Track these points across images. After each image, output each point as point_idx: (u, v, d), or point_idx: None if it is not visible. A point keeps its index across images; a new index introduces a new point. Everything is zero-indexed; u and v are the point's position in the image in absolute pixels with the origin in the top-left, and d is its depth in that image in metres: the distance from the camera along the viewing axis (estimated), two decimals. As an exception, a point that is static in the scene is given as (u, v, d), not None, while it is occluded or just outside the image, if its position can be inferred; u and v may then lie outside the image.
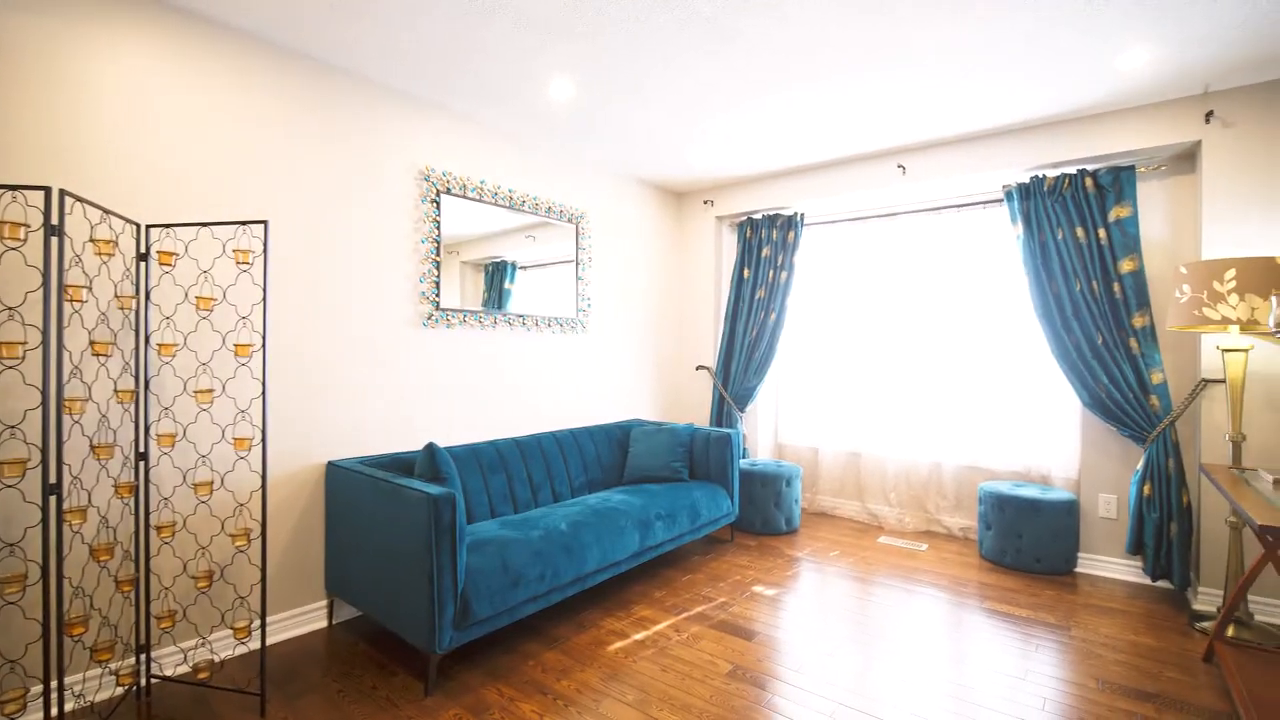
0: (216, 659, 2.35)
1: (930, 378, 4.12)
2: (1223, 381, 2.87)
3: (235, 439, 2.13)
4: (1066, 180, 3.31)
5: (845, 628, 2.71)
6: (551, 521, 2.79)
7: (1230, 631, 2.66)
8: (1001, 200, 3.74)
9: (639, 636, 2.63)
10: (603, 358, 4.24)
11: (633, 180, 4.47)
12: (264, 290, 2.05)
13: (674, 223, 4.88)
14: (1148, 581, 3.19)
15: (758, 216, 4.55)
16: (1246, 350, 2.66)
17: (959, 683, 2.27)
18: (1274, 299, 2.29)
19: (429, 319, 3.10)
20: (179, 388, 2.26)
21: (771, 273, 4.42)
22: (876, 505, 4.31)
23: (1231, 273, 2.56)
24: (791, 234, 4.36)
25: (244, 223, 2.07)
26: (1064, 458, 3.63)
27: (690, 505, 3.48)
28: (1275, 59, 2.62)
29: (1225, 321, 2.55)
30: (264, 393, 2.04)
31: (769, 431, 4.83)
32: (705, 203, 4.71)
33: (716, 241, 4.75)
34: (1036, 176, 3.40)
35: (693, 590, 3.13)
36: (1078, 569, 3.39)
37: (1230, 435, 2.67)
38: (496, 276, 3.54)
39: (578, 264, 4.02)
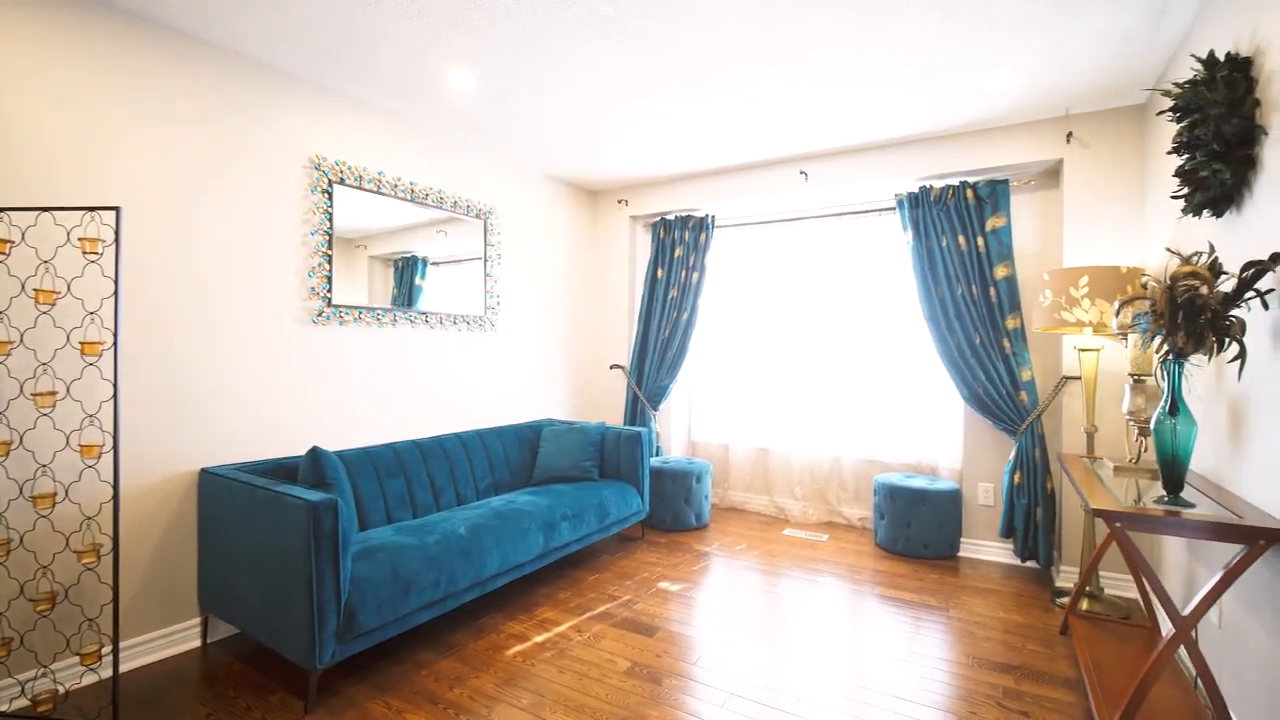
0: (61, 689, 2.12)
1: (833, 376, 4.30)
2: (1080, 378, 3.15)
3: (82, 446, 1.94)
4: (950, 191, 3.54)
5: (745, 619, 2.78)
6: (450, 526, 2.71)
7: (1084, 605, 2.92)
8: (895, 208, 3.95)
9: (540, 639, 2.59)
10: (513, 357, 4.16)
11: (542, 176, 4.41)
12: (116, 283, 1.87)
13: (588, 221, 4.86)
14: (1018, 562, 3.46)
15: (671, 217, 4.60)
16: (1098, 350, 2.93)
17: (848, 667, 2.37)
18: (1116, 303, 2.54)
19: (319, 316, 2.93)
20: (14, 390, 2.02)
21: (684, 273, 4.48)
22: (783, 499, 4.45)
23: (1085, 279, 2.81)
24: (704, 235, 4.43)
25: (91, 209, 1.88)
26: (950, 450, 3.88)
27: (599, 504, 3.47)
28: (1122, 88, 2.90)
29: (1080, 324, 2.79)
30: (115, 394, 1.86)
31: (682, 429, 4.89)
32: (620, 202, 4.72)
33: (631, 241, 4.77)
34: (924, 187, 3.62)
35: (599, 589, 3.12)
36: (960, 553, 3.63)
37: (1085, 427, 2.94)
38: (407, 272, 3.41)
39: (486, 260, 3.92)
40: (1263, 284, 1.73)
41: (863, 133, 3.51)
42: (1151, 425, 1.92)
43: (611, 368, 4.79)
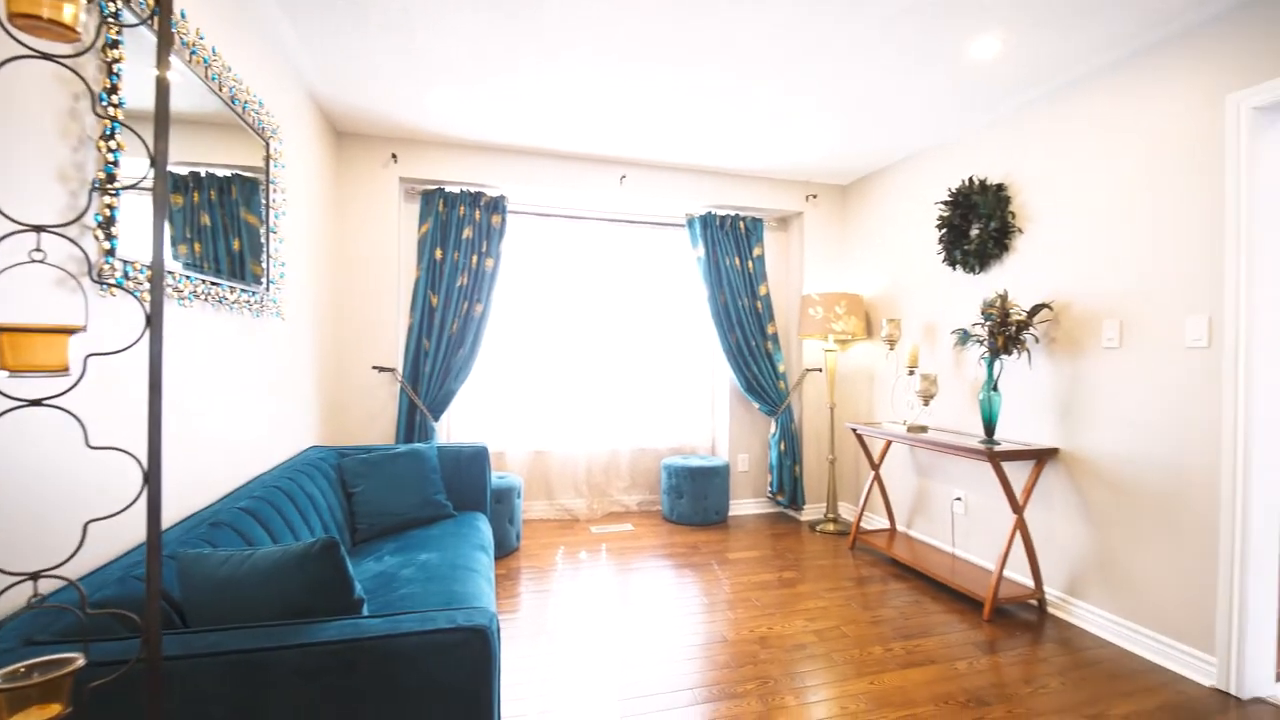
0: None
1: (606, 373, 4.48)
2: (820, 370, 4.43)
3: None
4: (730, 220, 4.32)
5: (672, 607, 2.83)
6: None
7: (830, 527, 4.17)
8: (684, 225, 4.47)
9: None
10: (300, 357, 2.73)
11: (295, 78, 3.00)
12: None
13: (333, 173, 3.50)
14: (778, 510, 4.55)
15: (455, 190, 3.82)
16: (837, 351, 4.23)
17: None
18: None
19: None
20: None
21: (475, 258, 3.82)
22: (567, 500, 4.37)
23: (844, 302, 4.04)
24: (497, 218, 3.89)
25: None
26: (700, 432, 4.70)
27: (484, 545, 2.76)
28: (840, 173, 4.25)
29: (844, 332, 4.00)
30: None
31: (444, 438, 4.12)
32: (392, 157, 3.60)
33: (399, 211, 3.71)
34: (711, 212, 4.28)
35: (550, 644, 2.54)
36: (730, 513, 4.48)
37: (830, 403, 4.19)
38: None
39: (268, 207, 2.48)
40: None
41: (665, 153, 3.88)
42: (979, 398, 3.11)
43: (380, 371, 3.62)
